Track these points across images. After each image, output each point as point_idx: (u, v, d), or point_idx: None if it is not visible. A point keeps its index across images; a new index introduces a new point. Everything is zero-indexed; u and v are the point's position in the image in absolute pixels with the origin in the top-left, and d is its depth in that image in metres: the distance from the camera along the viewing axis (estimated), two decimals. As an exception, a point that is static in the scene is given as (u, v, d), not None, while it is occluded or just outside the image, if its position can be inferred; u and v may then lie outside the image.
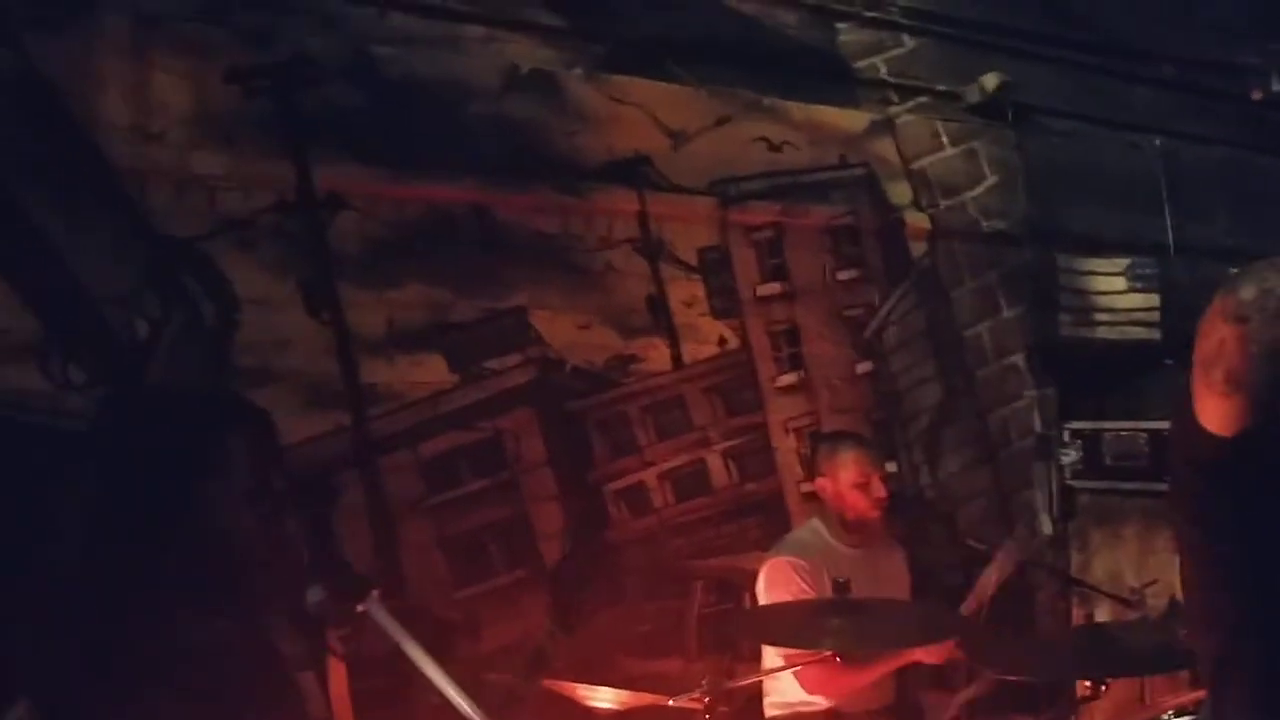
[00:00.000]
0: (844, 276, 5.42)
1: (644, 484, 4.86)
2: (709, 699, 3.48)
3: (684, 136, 5.02)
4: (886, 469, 4.43)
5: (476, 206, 4.54)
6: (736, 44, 5.22)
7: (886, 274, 5.55)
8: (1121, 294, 6.11)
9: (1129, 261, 6.14)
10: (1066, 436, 5.81)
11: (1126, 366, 5.86)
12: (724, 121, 5.12)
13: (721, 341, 5.08)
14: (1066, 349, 5.96)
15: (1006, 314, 5.85)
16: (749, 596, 4.48)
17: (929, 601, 4.64)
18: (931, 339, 5.65)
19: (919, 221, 5.66)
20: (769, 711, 4.24)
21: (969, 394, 5.73)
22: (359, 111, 4.34)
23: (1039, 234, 5.93)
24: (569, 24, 4.83)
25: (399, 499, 4.32)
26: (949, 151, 5.79)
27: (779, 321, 5.23)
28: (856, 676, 4.03)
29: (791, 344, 5.25)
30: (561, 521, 4.65)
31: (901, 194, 5.63)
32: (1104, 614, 4.85)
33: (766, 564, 4.22)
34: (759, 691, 4.27)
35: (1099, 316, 6.09)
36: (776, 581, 4.13)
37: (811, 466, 4.57)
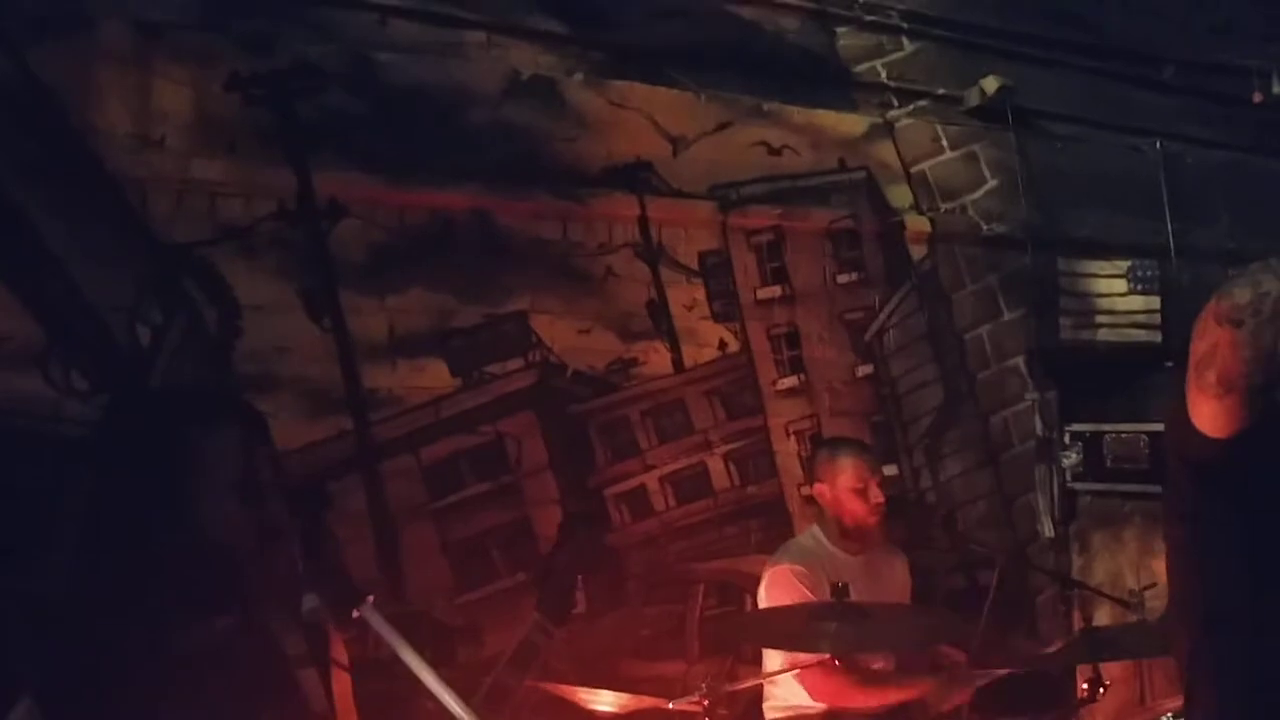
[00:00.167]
0: (844, 280, 5.43)
1: (645, 487, 4.87)
2: (709, 702, 3.49)
3: (684, 141, 5.04)
4: (884, 474, 4.43)
5: (477, 212, 4.56)
6: (736, 49, 5.24)
7: (887, 277, 5.56)
8: (1122, 297, 6.11)
9: (1130, 264, 6.14)
10: (1067, 439, 5.81)
11: (1127, 369, 5.86)
12: (724, 126, 5.14)
13: (722, 345, 5.09)
14: (1067, 352, 5.96)
15: (1007, 317, 5.85)
16: (750, 599, 4.49)
17: (930, 606, 4.64)
18: (932, 342, 5.66)
19: (919, 225, 5.67)
20: (769, 715, 4.24)
21: (970, 397, 5.74)
22: (360, 118, 4.36)
23: (1040, 237, 5.93)
24: (569, 30, 4.85)
25: (401, 504, 4.34)
26: (949, 155, 5.80)
27: (779, 325, 5.24)
28: (863, 694, 4.04)
29: (792, 347, 5.26)
30: (563, 525, 4.66)
31: (902, 197, 5.64)
32: (1104, 616, 4.86)
33: (768, 572, 4.22)
34: (759, 695, 4.28)
35: (1100, 319, 6.09)
36: (778, 589, 4.13)
37: (810, 472, 4.58)
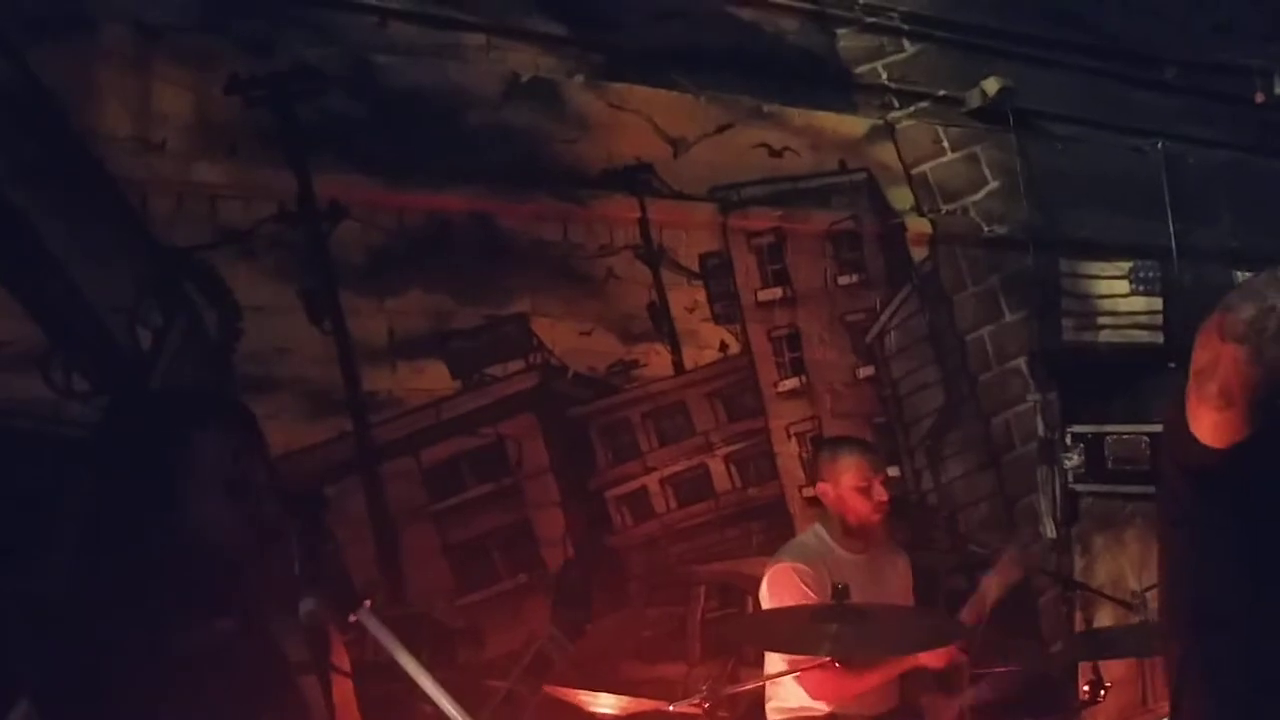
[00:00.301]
0: (845, 282, 5.43)
1: (646, 489, 4.87)
2: (710, 704, 3.48)
3: (684, 143, 5.04)
4: (888, 473, 4.43)
5: (477, 214, 4.56)
6: (736, 51, 5.24)
7: (888, 279, 5.56)
8: (1124, 297, 6.11)
9: (1131, 265, 6.14)
10: (1069, 440, 5.81)
11: (1129, 370, 5.86)
12: (724, 128, 5.14)
13: (723, 347, 5.09)
14: (1069, 353, 5.96)
15: (1009, 318, 5.85)
16: (751, 601, 4.49)
17: (931, 607, 4.64)
18: (933, 344, 5.65)
19: (920, 226, 5.66)
20: (771, 717, 4.24)
21: (971, 398, 5.73)
22: (359, 121, 4.36)
23: (1041, 238, 5.93)
24: (569, 32, 4.85)
25: (401, 506, 4.34)
26: (950, 156, 5.80)
27: (780, 327, 5.24)
28: (859, 681, 4.04)
29: (793, 349, 5.26)
30: (564, 527, 4.66)
31: (903, 199, 5.64)
32: (1106, 617, 4.85)
33: (770, 570, 4.22)
34: (761, 697, 4.27)
35: (1102, 320, 6.09)
36: (780, 587, 4.13)
37: (813, 472, 4.57)
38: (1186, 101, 6.53)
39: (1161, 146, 6.37)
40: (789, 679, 4.05)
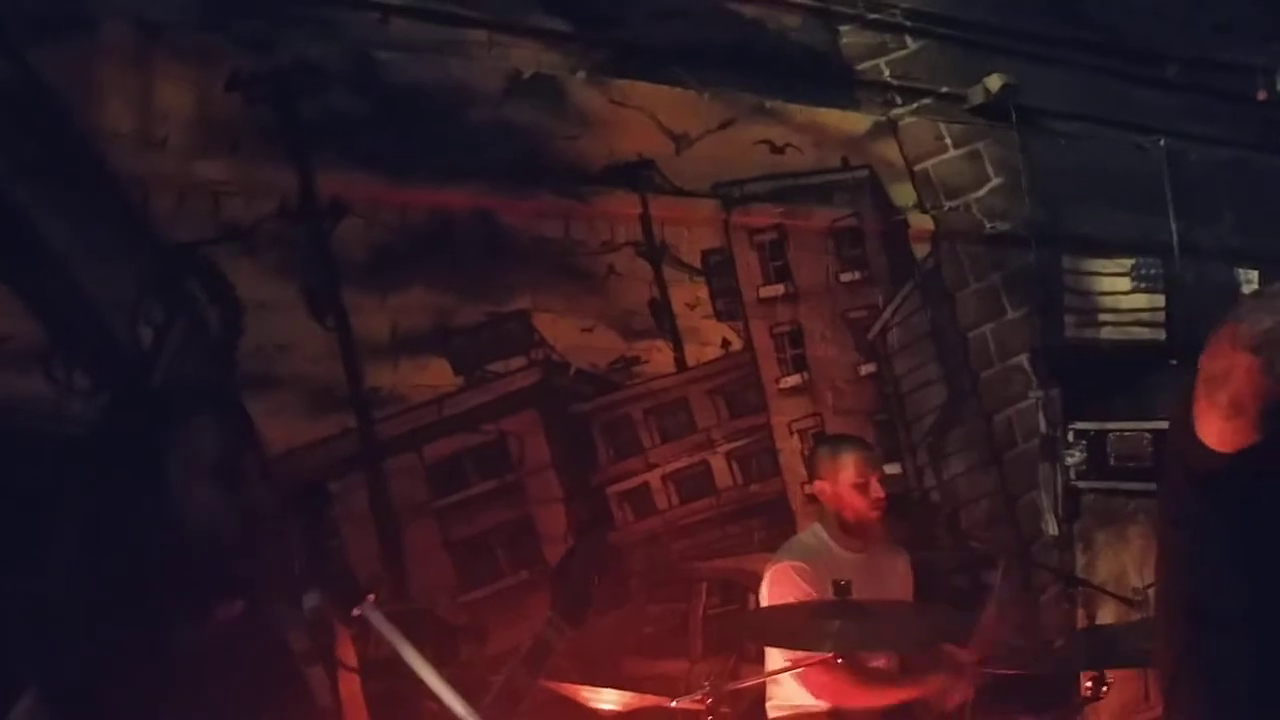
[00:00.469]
0: (847, 278, 5.43)
1: (648, 486, 4.87)
2: (712, 700, 3.48)
3: (687, 140, 5.03)
4: (885, 471, 4.43)
5: (479, 211, 4.56)
6: (739, 47, 5.23)
7: (890, 276, 5.55)
8: (1126, 295, 6.11)
9: (1134, 262, 6.14)
10: (1071, 437, 5.80)
11: (1131, 367, 5.85)
12: (726, 124, 5.13)
13: (725, 344, 5.09)
14: (1071, 350, 5.95)
15: (1011, 315, 5.85)
16: (753, 598, 4.48)
17: (933, 604, 4.63)
18: (935, 341, 5.65)
19: (922, 223, 5.66)
20: (771, 714, 4.24)
21: (973, 395, 5.73)
22: (361, 117, 4.36)
23: (1043, 235, 5.92)
24: (571, 28, 4.84)
25: (404, 502, 4.34)
26: (952, 153, 5.79)
27: (782, 323, 5.24)
28: (862, 691, 4.04)
29: (795, 346, 5.26)
30: (566, 524, 4.66)
31: (905, 196, 5.63)
32: (1108, 614, 4.85)
33: (770, 569, 4.21)
34: (762, 694, 4.27)
35: (1104, 317, 6.09)
36: (780, 586, 4.13)
37: (811, 470, 4.57)
38: (1189, 99, 6.52)
39: (1164, 144, 6.36)
40: (788, 677, 4.05)
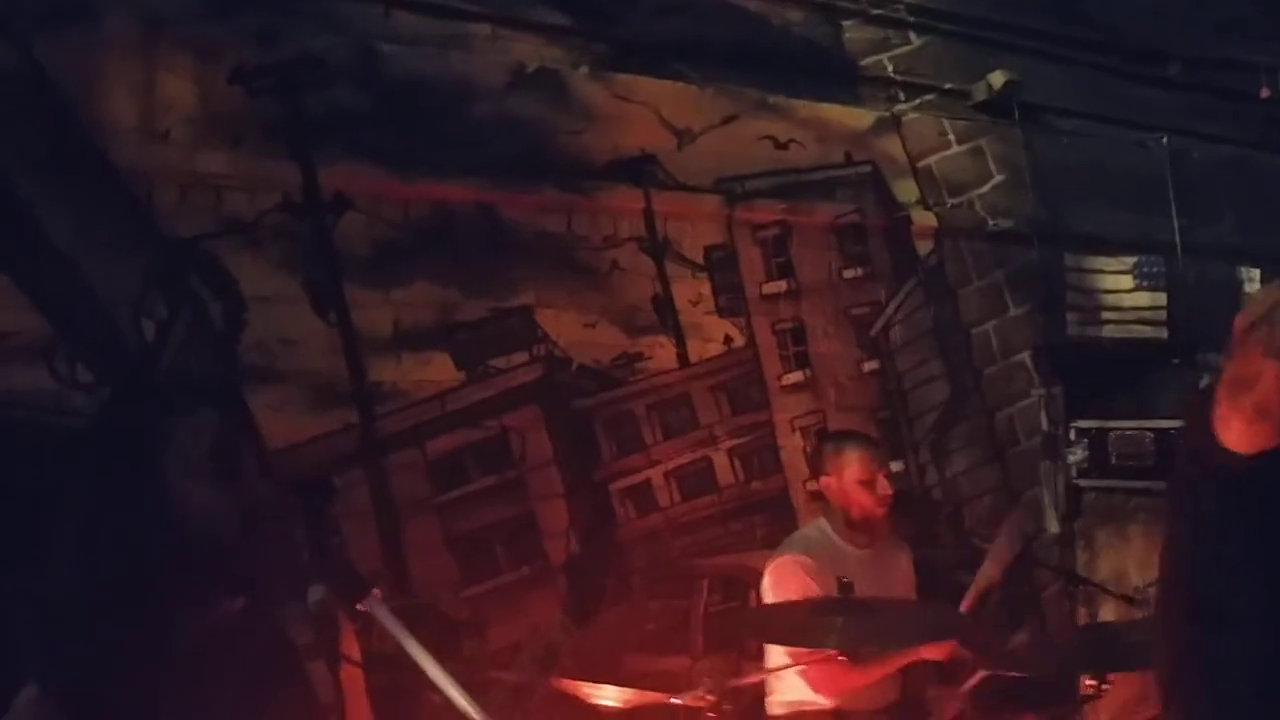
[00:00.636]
0: (850, 275, 5.42)
1: (650, 482, 4.87)
2: (714, 697, 3.48)
3: (690, 135, 5.03)
4: (891, 467, 4.43)
5: (482, 206, 4.55)
6: (742, 42, 5.22)
7: (893, 272, 5.55)
8: (1128, 293, 6.11)
9: (1136, 260, 6.14)
10: (1073, 435, 5.80)
11: (1133, 365, 5.86)
12: (730, 120, 5.13)
13: (727, 340, 5.09)
14: (1073, 348, 5.95)
15: (1013, 312, 5.84)
16: (754, 595, 4.48)
17: (935, 601, 4.63)
18: (938, 337, 5.65)
19: (925, 220, 5.66)
20: (773, 710, 4.23)
21: (976, 392, 5.73)
22: (364, 111, 4.35)
23: (1046, 232, 5.92)
24: (574, 23, 4.84)
25: (406, 497, 4.34)
26: (955, 149, 5.79)
27: (785, 320, 5.23)
28: (861, 675, 4.03)
29: (797, 342, 5.25)
30: (567, 520, 4.66)
31: (908, 192, 5.63)
32: (1109, 612, 4.85)
33: (772, 562, 4.21)
34: (764, 690, 4.27)
35: (1106, 315, 6.08)
36: (783, 580, 4.12)
37: (816, 466, 4.57)
38: (1191, 97, 6.52)
39: (1166, 142, 6.36)
40: (789, 673, 4.05)
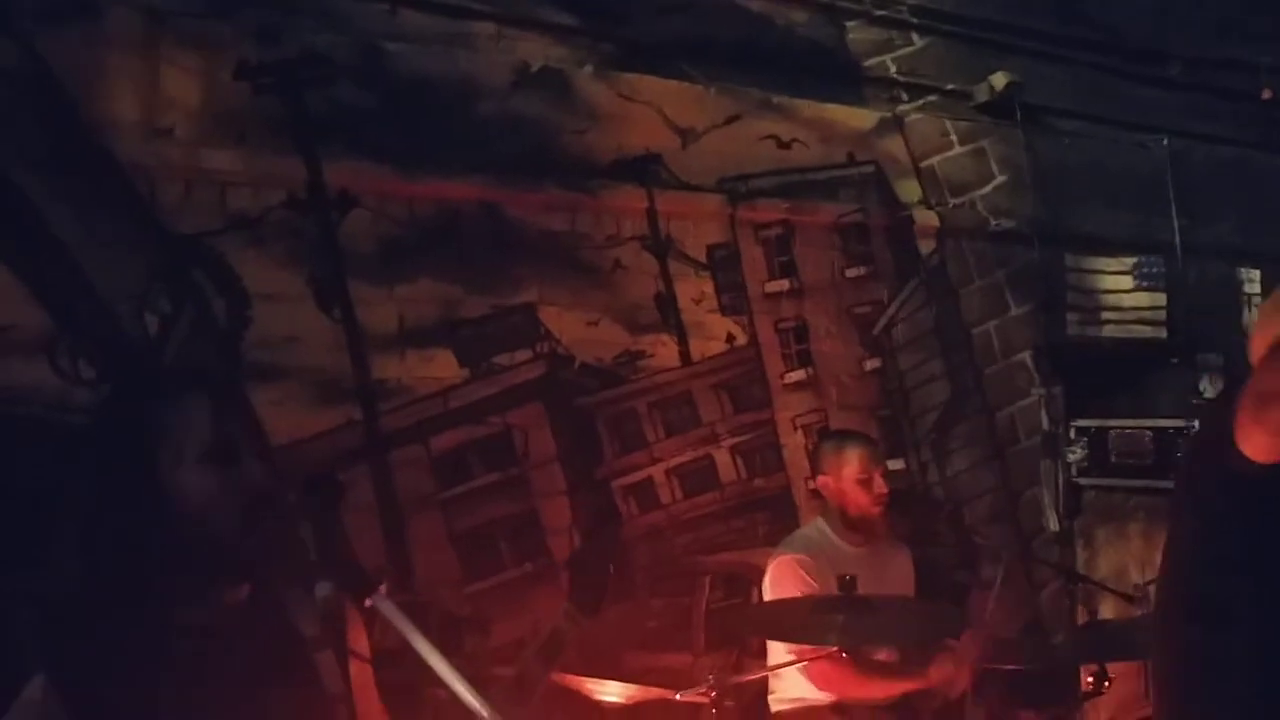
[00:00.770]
0: (852, 274, 5.43)
1: (652, 480, 4.87)
2: (715, 694, 3.50)
3: (693, 134, 5.03)
4: (888, 466, 4.45)
5: (486, 204, 4.56)
6: (746, 42, 5.23)
7: (895, 272, 5.56)
8: (1128, 293, 6.12)
9: (1136, 261, 6.15)
10: (1073, 434, 5.81)
11: (1133, 365, 5.87)
12: (733, 119, 5.13)
13: (730, 338, 5.09)
14: (1074, 347, 5.96)
15: (1014, 312, 5.85)
16: (756, 592, 4.49)
17: (934, 600, 4.65)
18: (939, 337, 5.66)
19: (928, 220, 5.66)
20: (774, 707, 4.25)
21: (977, 392, 5.74)
22: (369, 109, 4.35)
23: (1047, 233, 5.92)
24: (579, 22, 4.84)
25: (409, 493, 4.34)
26: (958, 150, 5.80)
27: (787, 318, 5.24)
28: (866, 687, 4.06)
29: (800, 341, 5.26)
30: (570, 517, 4.67)
31: (910, 192, 5.64)
32: (1108, 610, 4.86)
33: (773, 562, 4.23)
34: (765, 687, 4.28)
35: (1106, 315, 6.09)
36: (783, 579, 4.14)
37: (814, 464, 4.59)
38: (1192, 98, 6.52)
39: (1167, 143, 6.36)
40: (791, 670, 4.07)
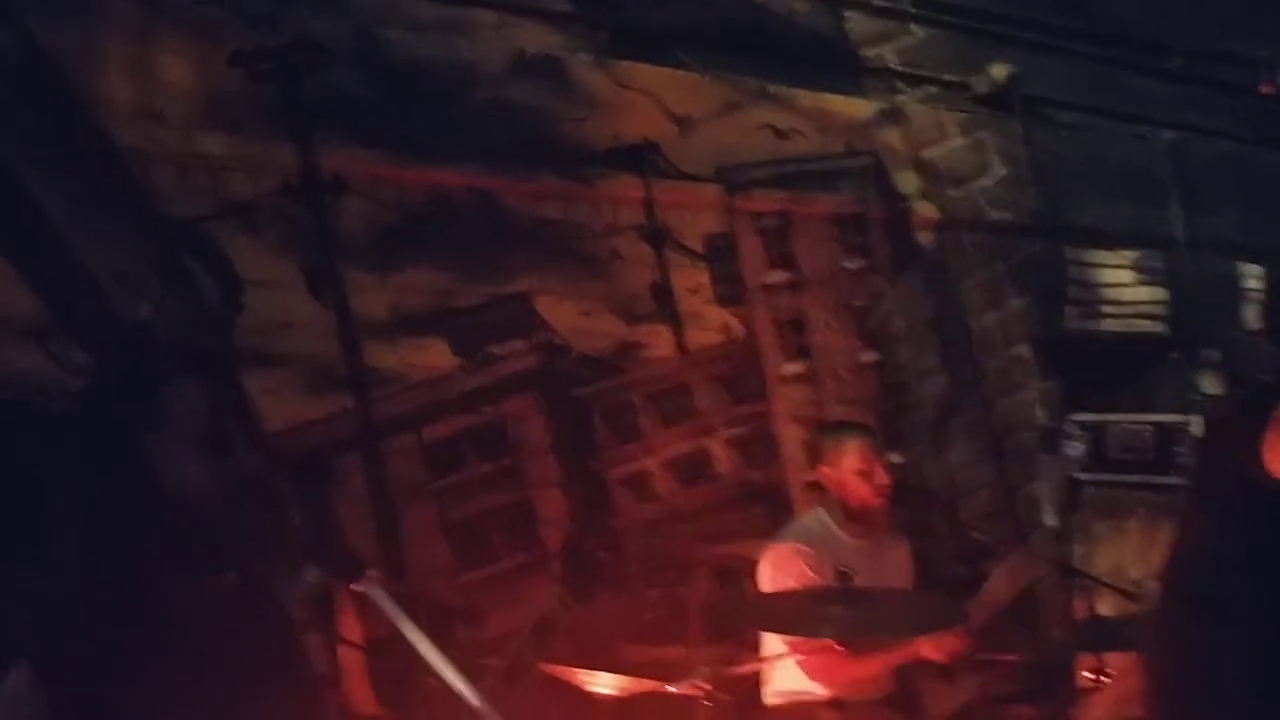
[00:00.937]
0: (850, 266, 5.41)
1: (647, 471, 4.86)
2: (710, 686, 3.47)
3: (691, 123, 5.01)
4: (889, 458, 4.42)
5: (481, 191, 4.54)
6: (744, 31, 5.19)
7: (893, 264, 5.54)
8: (1128, 287, 6.10)
9: (1136, 254, 6.13)
10: (1072, 429, 5.79)
11: (1132, 359, 5.85)
12: (731, 109, 5.11)
13: (726, 330, 5.08)
14: (1073, 341, 5.94)
15: (1013, 305, 5.83)
16: (751, 584, 4.47)
17: (933, 592, 4.63)
18: (938, 330, 5.64)
19: (926, 211, 5.65)
20: (769, 699, 4.23)
21: (975, 385, 5.72)
22: (364, 95, 4.33)
23: (1046, 226, 5.90)
24: (576, 9, 4.81)
25: (402, 483, 4.33)
26: (957, 142, 5.77)
27: (785, 310, 5.22)
28: (859, 667, 4.03)
29: (797, 333, 5.24)
30: (564, 508, 4.65)
31: (909, 183, 5.62)
32: (1106, 607, 4.84)
33: (770, 549, 4.20)
34: (760, 679, 4.26)
35: (1105, 309, 6.07)
36: (780, 566, 4.11)
37: (815, 455, 4.56)
38: (1193, 92, 6.50)
39: (1167, 136, 6.35)
40: (786, 662, 4.04)
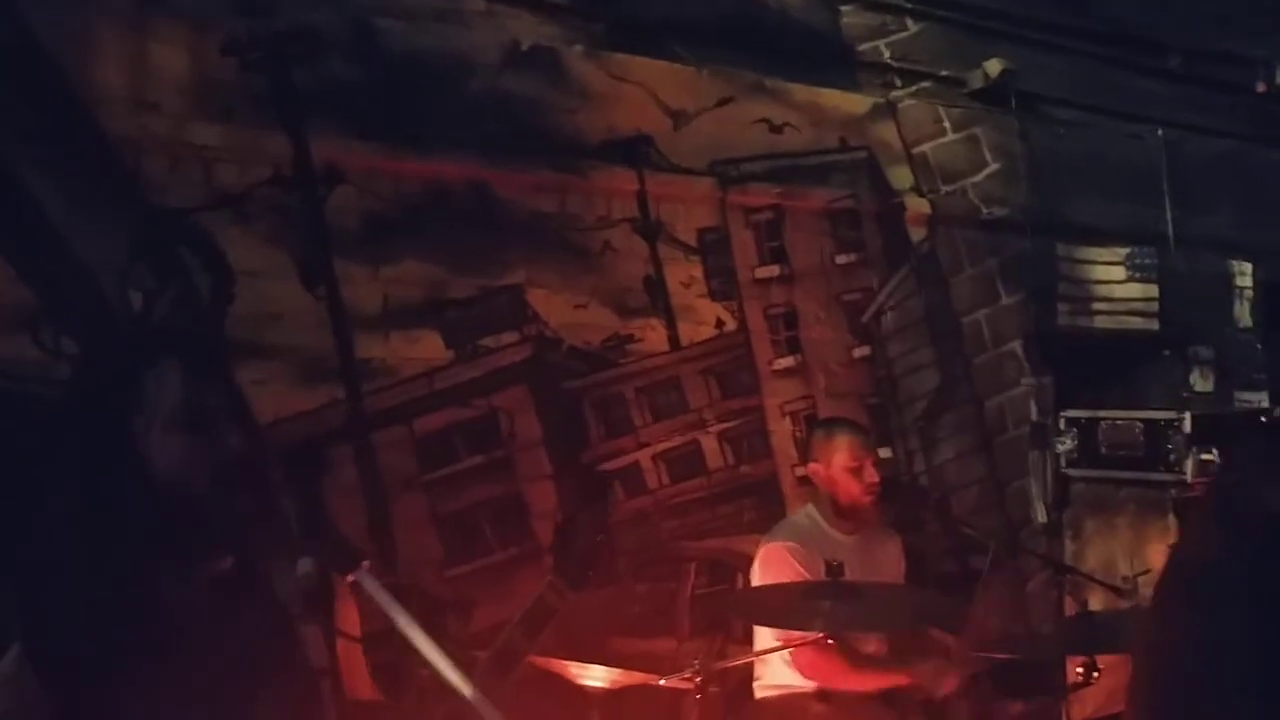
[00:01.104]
0: (843, 260, 5.41)
1: (639, 465, 4.85)
2: (700, 679, 3.48)
3: (685, 116, 5.00)
4: (879, 455, 4.42)
5: (475, 183, 4.52)
6: (739, 24, 5.19)
7: (886, 259, 5.53)
8: (1120, 284, 6.11)
9: (1128, 251, 6.14)
10: (1062, 425, 5.80)
11: (1124, 356, 5.87)
12: (725, 102, 5.10)
13: (719, 323, 5.07)
14: (1064, 338, 5.95)
15: (1005, 301, 5.84)
16: (742, 578, 4.48)
17: (922, 588, 4.64)
18: (929, 325, 5.64)
19: (919, 207, 5.64)
20: (759, 693, 4.24)
21: (966, 381, 5.72)
22: (358, 85, 4.31)
23: (1039, 222, 5.91)
24: (571, 1, 4.80)
25: (393, 475, 4.31)
26: (951, 137, 5.77)
27: (777, 304, 5.21)
28: (853, 679, 4.04)
29: (789, 327, 5.23)
30: (555, 500, 4.64)
31: (902, 178, 5.62)
32: (1096, 602, 4.85)
33: (762, 549, 4.21)
34: (750, 673, 4.26)
35: (1097, 306, 6.08)
36: (772, 567, 4.12)
37: (805, 452, 4.56)
38: (1187, 90, 6.51)
39: (1161, 134, 6.35)
40: (777, 657, 4.05)
